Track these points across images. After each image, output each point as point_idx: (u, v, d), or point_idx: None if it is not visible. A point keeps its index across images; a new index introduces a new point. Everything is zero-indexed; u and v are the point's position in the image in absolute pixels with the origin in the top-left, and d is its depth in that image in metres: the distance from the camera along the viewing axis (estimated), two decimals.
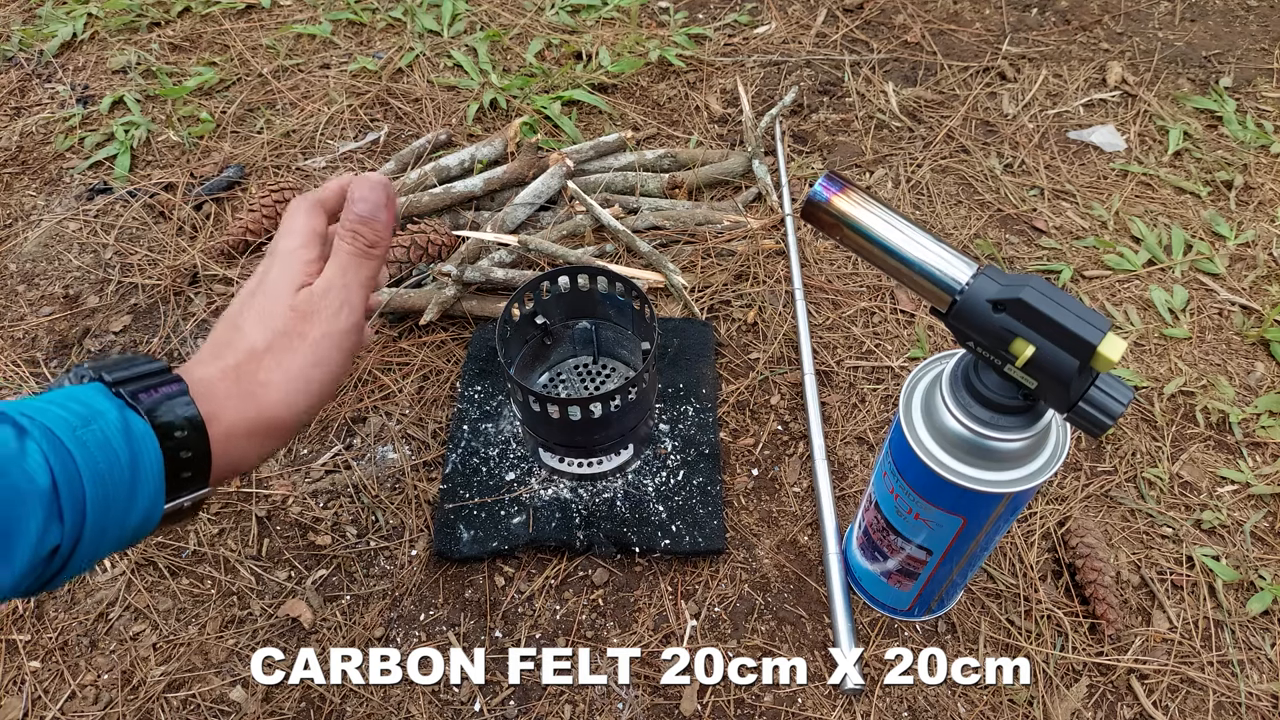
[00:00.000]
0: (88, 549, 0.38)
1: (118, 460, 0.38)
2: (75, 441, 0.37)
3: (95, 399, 0.39)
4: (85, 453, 0.37)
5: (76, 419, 0.37)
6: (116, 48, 1.22)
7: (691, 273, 0.91)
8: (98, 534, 0.38)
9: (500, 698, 0.64)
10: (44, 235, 0.97)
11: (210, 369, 0.45)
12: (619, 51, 1.19)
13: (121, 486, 0.38)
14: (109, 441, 0.38)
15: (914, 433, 0.49)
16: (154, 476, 0.40)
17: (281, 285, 0.49)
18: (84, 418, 0.38)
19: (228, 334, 0.47)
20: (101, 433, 0.38)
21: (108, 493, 0.37)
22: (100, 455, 0.37)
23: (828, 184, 0.44)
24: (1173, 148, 1.05)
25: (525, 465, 0.75)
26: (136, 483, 0.39)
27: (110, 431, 0.38)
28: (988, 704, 0.63)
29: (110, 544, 0.39)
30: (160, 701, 0.63)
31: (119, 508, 0.38)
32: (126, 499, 0.38)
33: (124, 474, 0.38)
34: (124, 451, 0.38)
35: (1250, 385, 0.82)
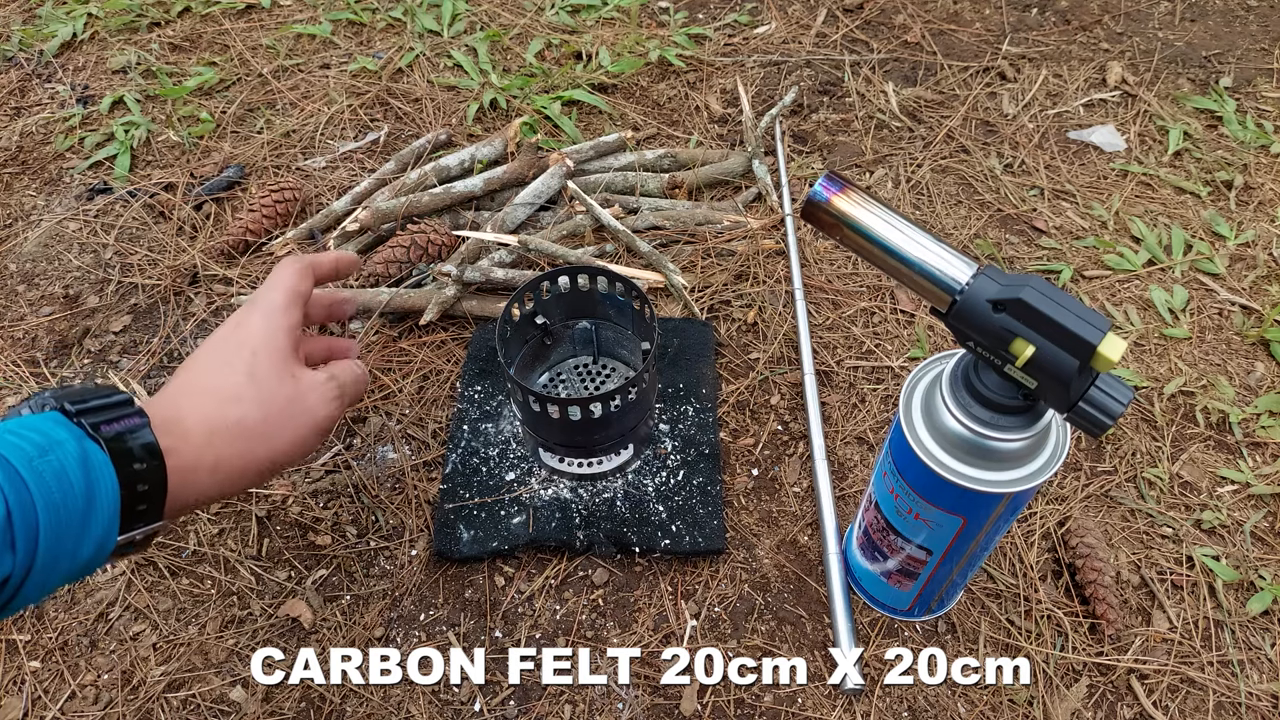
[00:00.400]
0: (38, 579, 0.37)
1: (73, 490, 0.38)
2: (31, 471, 0.36)
3: (54, 429, 0.39)
4: (40, 482, 0.37)
5: (34, 448, 0.37)
6: (116, 48, 1.22)
7: (691, 273, 0.91)
8: (50, 564, 0.37)
9: (500, 698, 0.64)
10: (44, 235, 0.97)
11: (183, 406, 0.47)
12: (619, 51, 1.19)
13: (75, 516, 0.38)
14: (65, 471, 0.38)
15: (914, 433, 0.50)
16: (109, 506, 0.39)
17: (270, 345, 0.52)
18: (41, 447, 0.37)
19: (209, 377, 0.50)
20: (59, 462, 0.37)
21: (61, 521, 0.37)
22: (55, 485, 0.37)
23: (828, 184, 0.44)
24: (1173, 148, 1.05)
25: (525, 465, 0.75)
26: (91, 512, 0.38)
27: (68, 461, 0.38)
28: (988, 704, 0.63)
29: (61, 575, 0.39)
30: (160, 701, 0.63)
31: (72, 538, 0.38)
32: (80, 528, 0.38)
33: (78, 503, 0.38)
34: (80, 481, 0.38)
35: (1250, 385, 0.82)
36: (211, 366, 0.50)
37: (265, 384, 0.51)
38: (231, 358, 0.51)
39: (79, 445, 0.39)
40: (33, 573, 0.37)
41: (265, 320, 0.53)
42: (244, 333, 0.52)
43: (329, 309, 0.63)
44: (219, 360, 0.51)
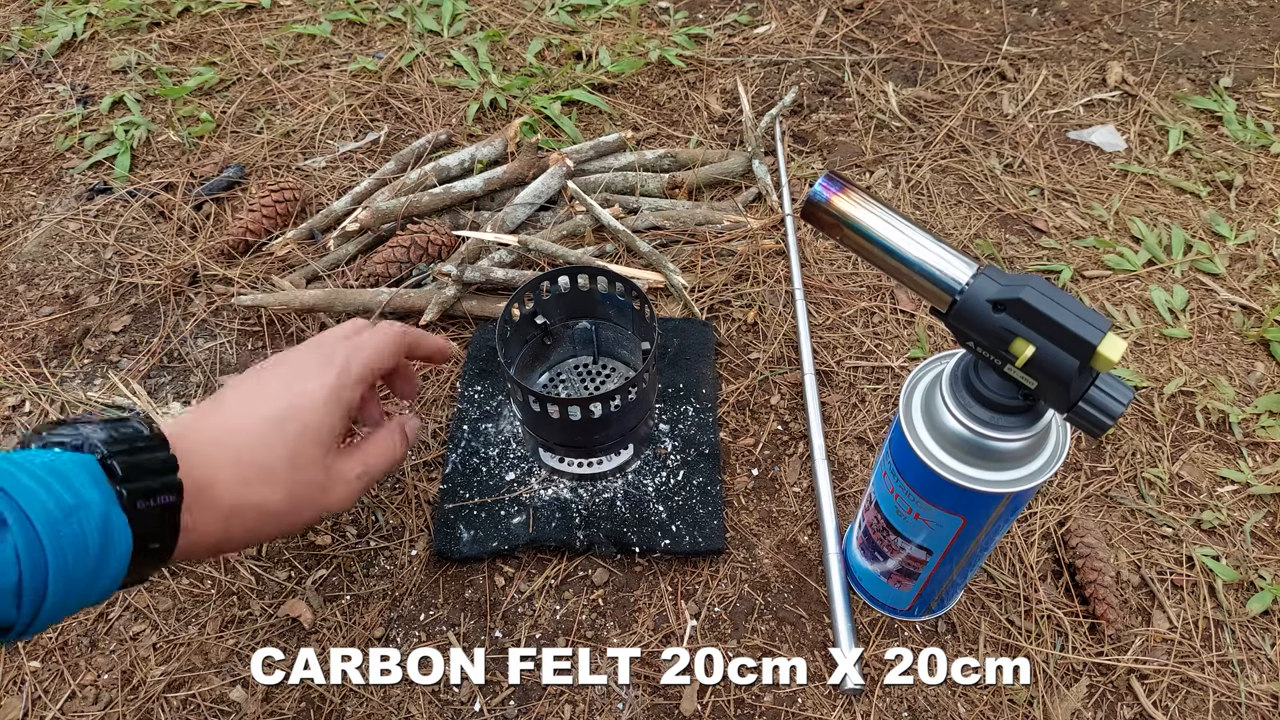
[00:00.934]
0: (35, 628, 0.38)
1: (87, 555, 0.38)
2: (52, 536, 0.37)
3: (87, 487, 0.39)
4: (58, 550, 0.37)
5: (59, 510, 0.37)
6: (116, 48, 1.22)
7: (691, 273, 0.91)
8: (49, 617, 0.38)
9: (500, 698, 0.64)
10: (44, 235, 0.97)
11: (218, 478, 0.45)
12: (619, 51, 1.19)
13: (85, 577, 0.38)
14: (85, 538, 0.38)
15: (914, 433, 0.50)
16: (118, 564, 0.40)
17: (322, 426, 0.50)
18: (68, 509, 0.37)
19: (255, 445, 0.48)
20: (79, 527, 0.37)
21: (70, 586, 0.38)
22: (72, 553, 0.37)
23: (828, 184, 0.44)
24: (1173, 148, 1.05)
25: (525, 465, 0.75)
26: (100, 572, 0.39)
27: (89, 526, 0.38)
28: (988, 704, 0.63)
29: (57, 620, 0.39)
30: (160, 701, 0.63)
31: (77, 595, 0.39)
32: (86, 586, 0.39)
33: (90, 567, 0.38)
34: (96, 547, 0.38)
35: (1250, 385, 0.82)
36: (259, 429, 0.48)
37: (301, 471, 0.49)
38: (282, 426, 0.49)
39: (105, 509, 0.39)
40: (32, 626, 0.38)
41: (330, 396, 0.51)
42: (304, 400, 0.50)
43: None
44: (268, 421, 0.49)
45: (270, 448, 0.48)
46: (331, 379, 0.52)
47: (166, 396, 0.83)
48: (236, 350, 0.86)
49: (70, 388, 0.83)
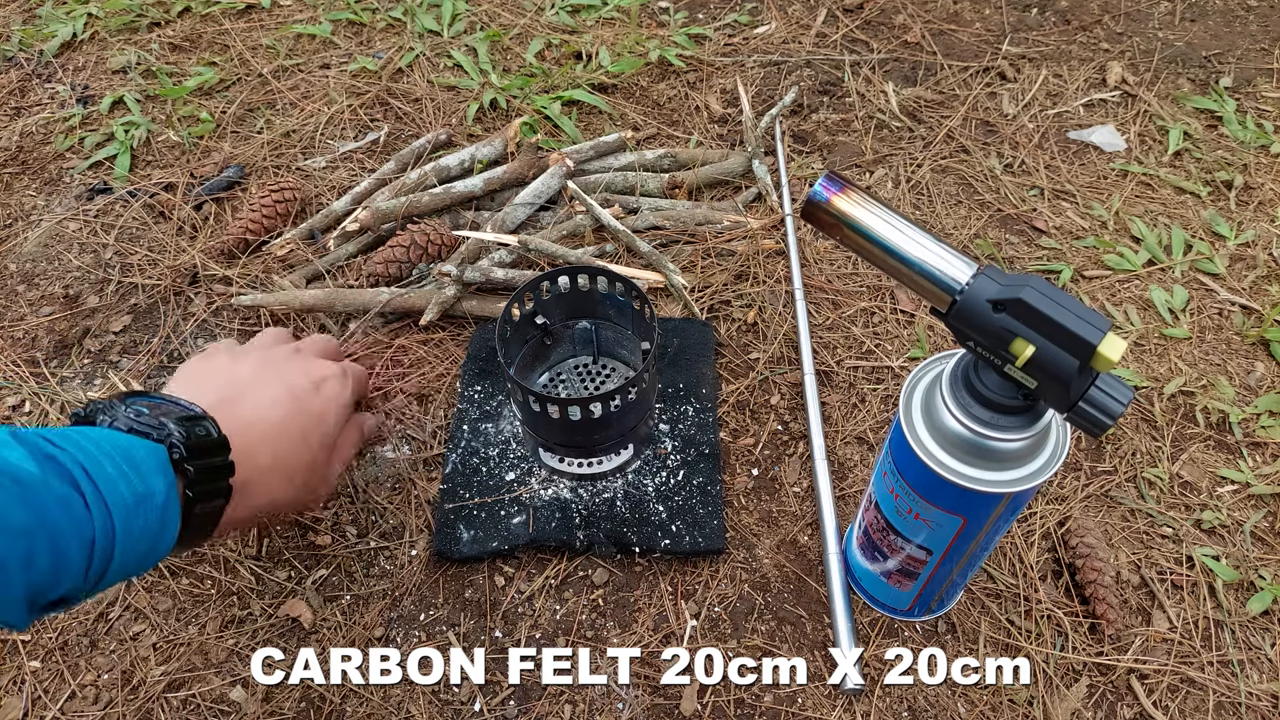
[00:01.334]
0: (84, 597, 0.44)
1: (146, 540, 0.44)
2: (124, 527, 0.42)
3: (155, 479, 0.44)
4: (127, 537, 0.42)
5: (133, 499, 0.42)
6: (116, 48, 1.22)
7: (691, 273, 0.91)
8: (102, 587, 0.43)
9: (500, 698, 0.64)
10: (44, 235, 0.97)
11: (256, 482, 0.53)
12: (619, 51, 1.19)
13: (137, 560, 0.44)
14: (147, 526, 0.43)
15: (914, 432, 0.50)
16: (164, 551, 0.46)
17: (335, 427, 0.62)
18: (139, 498, 0.43)
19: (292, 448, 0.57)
20: (145, 517, 0.43)
21: (125, 566, 0.43)
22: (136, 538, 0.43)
23: (828, 184, 0.44)
24: (1173, 148, 1.05)
25: (525, 465, 0.75)
26: (149, 557, 0.45)
27: (151, 516, 0.43)
28: (988, 704, 0.63)
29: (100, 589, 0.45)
30: (160, 701, 0.63)
31: (131, 569, 0.44)
32: (135, 567, 0.44)
33: (145, 551, 0.44)
34: (154, 532, 0.44)
35: (1250, 385, 0.82)
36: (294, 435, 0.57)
37: (313, 474, 0.59)
38: (308, 437, 0.58)
39: (165, 501, 0.44)
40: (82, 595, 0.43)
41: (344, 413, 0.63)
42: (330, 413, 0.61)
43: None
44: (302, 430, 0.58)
45: (299, 454, 0.57)
46: (348, 397, 0.63)
47: None
48: None
49: (70, 388, 0.83)
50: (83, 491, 0.40)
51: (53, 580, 0.40)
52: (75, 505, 0.40)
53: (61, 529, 0.39)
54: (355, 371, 0.68)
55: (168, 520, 0.44)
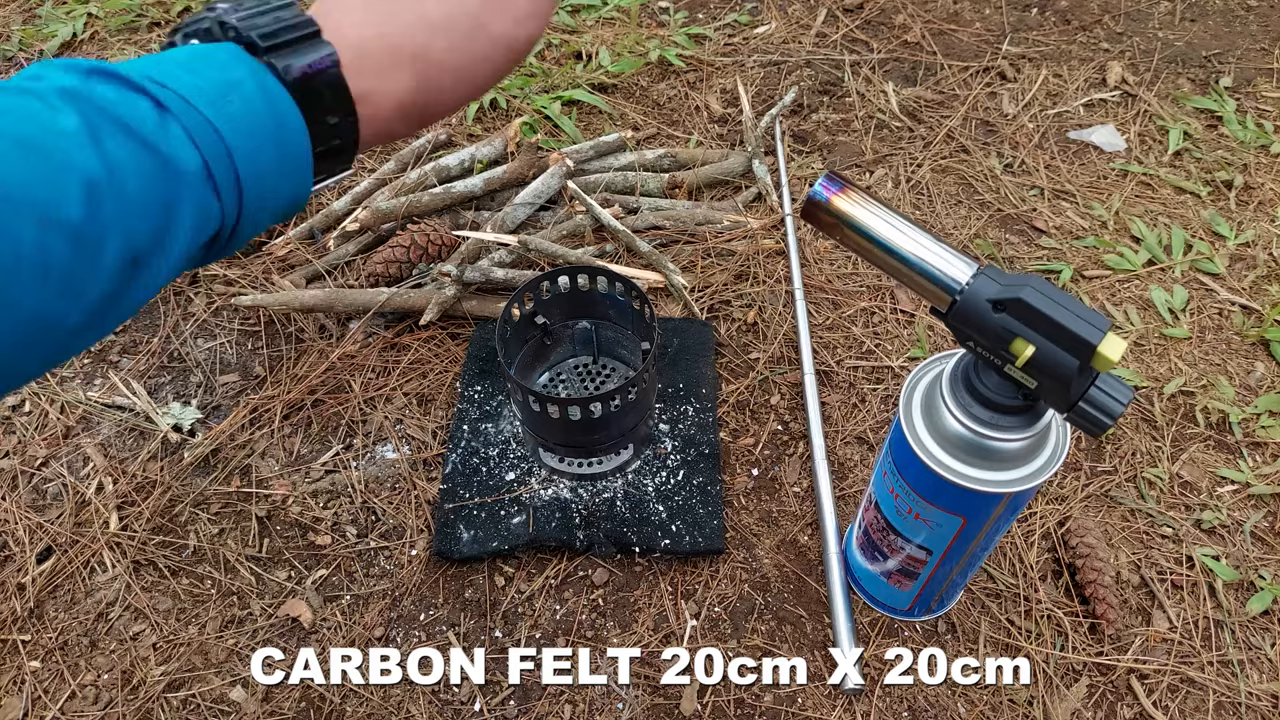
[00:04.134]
0: (246, 229, 0.34)
1: (263, 130, 0.33)
2: (219, 115, 0.32)
3: (232, 66, 0.33)
4: (231, 127, 0.32)
5: (216, 90, 0.32)
6: (116, 48, 1.22)
7: (691, 273, 0.91)
8: (252, 213, 0.34)
9: (500, 698, 0.64)
10: None
11: (367, 31, 0.37)
12: (619, 51, 1.19)
13: (269, 165, 0.34)
14: (253, 113, 0.33)
15: (914, 432, 0.49)
16: (301, 155, 0.35)
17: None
18: (225, 87, 0.33)
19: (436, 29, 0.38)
20: (244, 104, 0.33)
21: (258, 170, 0.33)
22: (246, 128, 0.33)
23: (828, 184, 0.44)
24: (1173, 148, 1.05)
25: (525, 465, 0.75)
26: (284, 160, 0.34)
27: (253, 102, 0.33)
28: (988, 704, 0.63)
29: (264, 222, 0.35)
30: (160, 701, 0.63)
31: (269, 188, 0.34)
32: (275, 179, 0.34)
33: (270, 152, 0.34)
34: (267, 121, 0.34)
35: (1250, 385, 0.82)
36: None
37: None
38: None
39: (260, 83, 0.34)
40: (240, 224, 0.34)
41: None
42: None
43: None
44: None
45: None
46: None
47: (166, 396, 0.83)
48: (236, 350, 0.86)
49: (70, 388, 0.83)
50: (148, 93, 0.31)
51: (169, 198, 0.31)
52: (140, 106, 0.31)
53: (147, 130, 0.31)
54: None
55: (277, 102, 0.33)
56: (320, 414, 0.80)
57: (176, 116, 0.31)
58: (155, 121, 0.31)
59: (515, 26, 0.41)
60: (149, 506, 0.74)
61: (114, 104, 0.30)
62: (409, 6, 0.38)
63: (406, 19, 0.38)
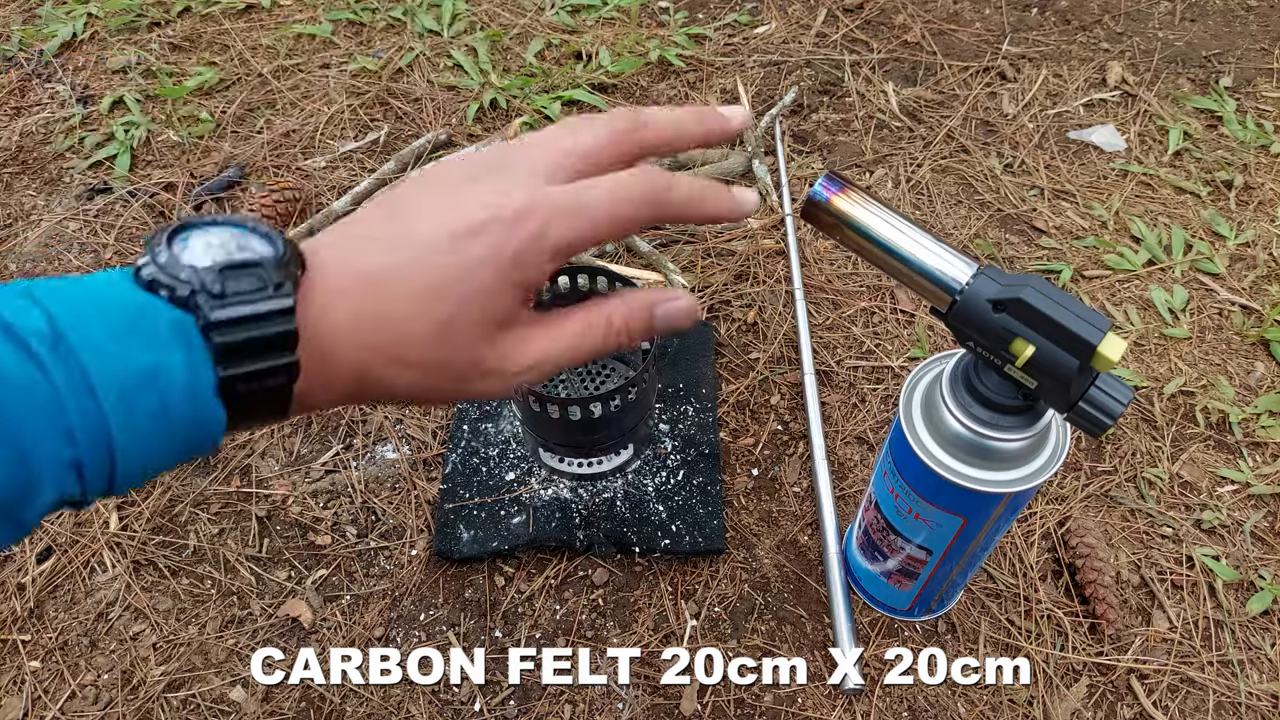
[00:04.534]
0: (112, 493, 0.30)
1: (168, 424, 0.30)
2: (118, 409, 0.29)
3: (171, 352, 0.30)
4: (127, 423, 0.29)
5: (135, 379, 0.29)
6: (116, 48, 1.22)
7: (691, 273, 0.91)
8: (128, 484, 0.30)
9: (500, 698, 0.64)
10: (44, 235, 0.97)
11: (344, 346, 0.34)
12: (619, 51, 1.19)
13: (162, 447, 0.31)
14: (166, 408, 0.30)
15: (914, 432, 0.49)
16: (209, 437, 0.32)
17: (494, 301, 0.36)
18: (146, 374, 0.29)
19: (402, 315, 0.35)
20: (159, 397, 0.30)
21: (148, 455, 0.30)
22: (146, 424, 0.29)
23: (828, 184, 0.44)
24: (1173, 148, 1.05)
25: (525, 465, 0.75)
26: (189, 444, 0.31)
27: (171, 397, 0.30)
28: (988, 704, 0.63)
29: (141, 483, 0.31)
30: (160, 701, 0.63)
31: (156, 463, 0.31)
32: (162, 459, 0.31)
33: (173, 437, 0.31)
34: (181, 416, 0.30)
35: (1250, 385, 0.82)
36: (405, 293, 0.36)
37: (447, 350, 0.37)
38: (438, 297, 0.36)
39: (191, 381, 0.30)
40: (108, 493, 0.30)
41: (503, 275, 0.36)
42: (470, 273, 0.35)
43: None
44: (421, 289, 0.36)
45: (413, 320, 0.36)
46: (511, 251, 0.37)
47: None
48: None
49: None
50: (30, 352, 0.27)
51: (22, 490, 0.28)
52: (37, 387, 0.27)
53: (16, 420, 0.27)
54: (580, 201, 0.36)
55: (199, 399, 0.30)
56: (320, 414, 0.80)
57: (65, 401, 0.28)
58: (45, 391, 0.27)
59: (484, 395, 0.38)
60: (149, 506, 0.74)
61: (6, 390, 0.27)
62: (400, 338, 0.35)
63: (391, 350, 0.35)
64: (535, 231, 0.35)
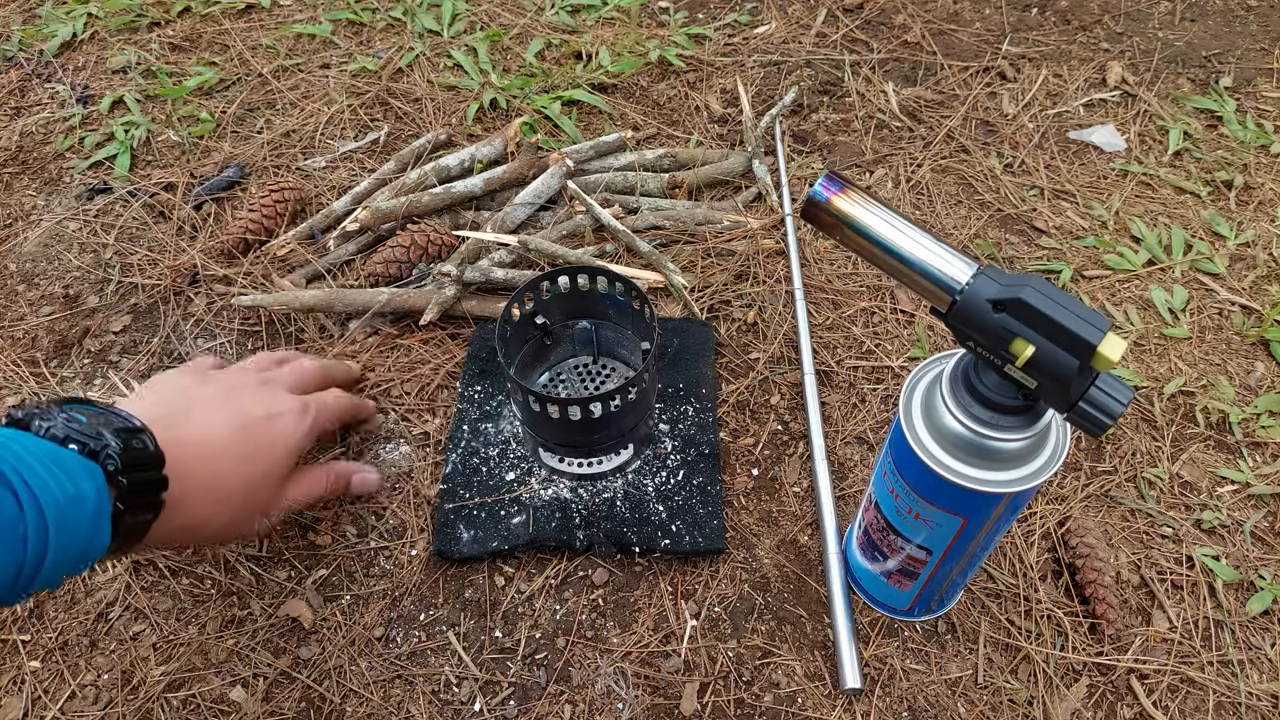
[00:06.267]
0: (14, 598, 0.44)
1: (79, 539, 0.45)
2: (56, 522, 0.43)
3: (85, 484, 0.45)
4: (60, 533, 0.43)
5: (64, 498, 0.44)
6: (116, 48, 1.22)
7: (691, 273, 0.91)
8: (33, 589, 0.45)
9: (500, 698, 0.64)
10: (44, 235, 0.97)
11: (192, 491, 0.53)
12: (619, 51, 1.19)
13: (73, 558, 0.45)
14: (80, 526, 0.44)
15: (914, 432, 0.50)
16: (97, 553, 0.47)
17: (286, 463, 0.62)
18: (71, 498, 0.44)
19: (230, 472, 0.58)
20: (77, 517, 0.44)
21: (60, 561, 0.44)
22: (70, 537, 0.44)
23: (828, 184, 0.44)
24: (1173, 148, 1.05)
25: (525, 465, 0.75)
26: (84, 556, 0.46)
27: (84, 518, 0.45)
28: (988, 704, 0.63)
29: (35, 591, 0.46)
30: (160, 701, 0.63)
31: (62, 571, 0.45)
32: (70, 566, 0.45)
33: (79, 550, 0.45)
34: (86, 533, 0.45)
35: (1250, 385, 0.82)
36: (234, 457, 0.58)
37: (252, 498, 0.59)
38: (252, 462, 0.59)
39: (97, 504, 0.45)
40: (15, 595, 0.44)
41: (296, 446, 0.63)
42: (278, 443, 0.61)
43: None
44: (243, 456, 0.58)
45: (236, 477, 0.57)
46: (304, 429, 0.63)
47: None
48: (237, 350, 0.86)
49: (70, 388, 0.83)
50: (14, 489, 0.42)
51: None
52: (6, 501, 0.42)
53: None
54: (323, 406, 0.67)
55: (99, 524, 0.46)
56: None
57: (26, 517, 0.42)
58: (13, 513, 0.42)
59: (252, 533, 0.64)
60: None
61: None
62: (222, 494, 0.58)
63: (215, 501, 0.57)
64: (295, 423, 0.63)
